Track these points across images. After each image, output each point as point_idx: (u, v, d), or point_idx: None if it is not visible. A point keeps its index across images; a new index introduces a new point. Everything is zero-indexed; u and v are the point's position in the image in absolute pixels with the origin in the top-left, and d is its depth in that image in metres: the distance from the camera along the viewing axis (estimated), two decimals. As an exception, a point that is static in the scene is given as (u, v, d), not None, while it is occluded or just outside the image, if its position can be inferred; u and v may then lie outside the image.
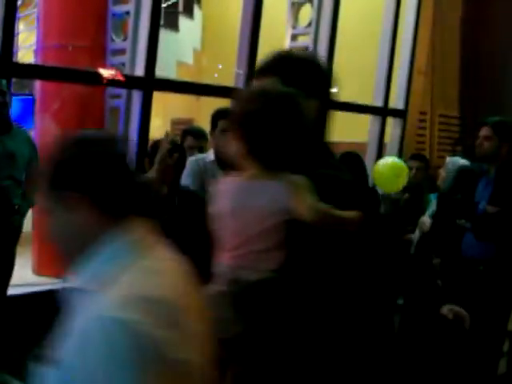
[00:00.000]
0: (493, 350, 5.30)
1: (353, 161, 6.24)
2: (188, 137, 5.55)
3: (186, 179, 4.68)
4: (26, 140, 5.18)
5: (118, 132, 6.23)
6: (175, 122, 11.32)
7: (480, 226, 5.01)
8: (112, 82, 6.01)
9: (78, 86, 6.18)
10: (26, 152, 5.10)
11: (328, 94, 2.57)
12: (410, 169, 6.33)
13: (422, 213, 5.90)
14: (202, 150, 5.12)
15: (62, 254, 1.81)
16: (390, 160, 6.27)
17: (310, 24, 8.04)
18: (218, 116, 4.86)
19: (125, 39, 6.35)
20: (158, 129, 8.04)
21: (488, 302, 5.02)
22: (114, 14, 6.43)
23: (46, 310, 5.50)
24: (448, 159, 6.15)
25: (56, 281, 6.14)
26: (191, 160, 4.91)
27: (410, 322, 5.83)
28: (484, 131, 5.10)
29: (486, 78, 10.96)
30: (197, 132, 5.54)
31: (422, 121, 9.89)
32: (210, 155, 4.84)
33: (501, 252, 5.00)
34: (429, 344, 5.25)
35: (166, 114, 11.47)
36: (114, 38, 6.46)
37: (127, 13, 6.25)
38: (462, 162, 6.00)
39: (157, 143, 4.02)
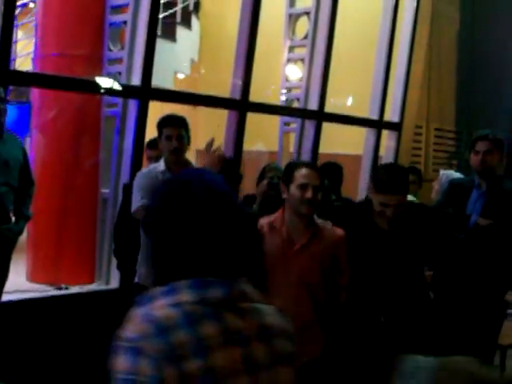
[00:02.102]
0: (484, 363, 5.31)
1: (332, 170, 6.28)
2: (146, 149, 5.62)
3: (140, 191, 4.71)
4: (18, 145, 5.19)
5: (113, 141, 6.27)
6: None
7: (472, 238, 5.03)
8: (108, 91, 6.04)
9: (75, 94, 6.19)
10: (19, 158, 5.11)
11: None
12: None
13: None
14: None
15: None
16: None
17: (306, 36, 8.08)
18: (162, 124, 4.89)
19: (122, 48, 6.36)
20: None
21: (480, 315, 5.03)
22: (111, 24, 6.44)
23: (38, 316, 5.52)
24: (441, 172, 6.18)
25: (49, 288, 6.15)
26: (143, 172, 4.95)
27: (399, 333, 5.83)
28: (485, 146, 5.10)
29: (482, 93, 11.02)
30: (152, 143, 5.57)
31: (417, 134, 9.94)
32: (161, 165, 4.87)
33: (492, 264, 5.02)
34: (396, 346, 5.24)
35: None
36: (111, 47, 6.48)
37: (124, 22, 6.27)
38: (456, 175, 6.03)
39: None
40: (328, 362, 4.00)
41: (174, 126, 4.84)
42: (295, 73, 8.43)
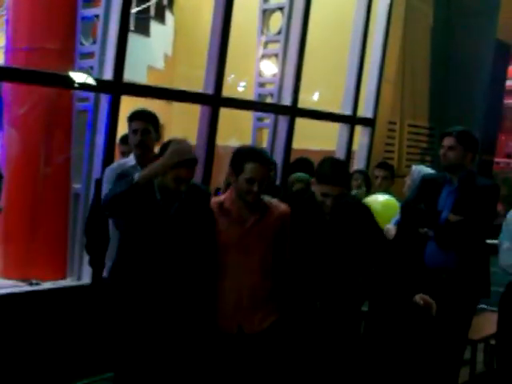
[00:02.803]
0: (454, 359, 5.35)
1: (304, 166, 6.30)
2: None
3: (107, 188, 4.69)
4: None
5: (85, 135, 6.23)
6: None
7: (443, 234, 5.06)
8: (80, 86, 6.00)
9: (46, 88, 6.15)
10: None
11: None
12: (376, 177, 6.36)
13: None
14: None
15: None
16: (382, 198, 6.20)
17: (280, 31, 8.07)
18: (130, 118, 4.89)
19: (94, 42, 6.32)
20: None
21: (450, 310, 5.06)
22: (83, 17, 6.39)
23: (10, 312, 5.50)
24: (413, 168, 6.20)
25: (21, 284, 6.12)
26: (112, 167, 4.94)
27: (374, 328, 5.86)
28: (448, 141, 5.15)
29: (455, 89, 11.08)
30: (125, 137, 5.57)
31: (390, 130, 9.97)
32: (132, 160, 4.86)
33: (463, 260, 5.05)
34: (392, 351, 5.29)
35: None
36: (83, 41, 6.43)
37: (96, 16, 6.23)
38: (427, 170, 6.05)
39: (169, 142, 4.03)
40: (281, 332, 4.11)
41: (141, 120, 4.83)
42: (269, 68, 8.43)
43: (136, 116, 4.88)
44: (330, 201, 4.10)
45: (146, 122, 4.86)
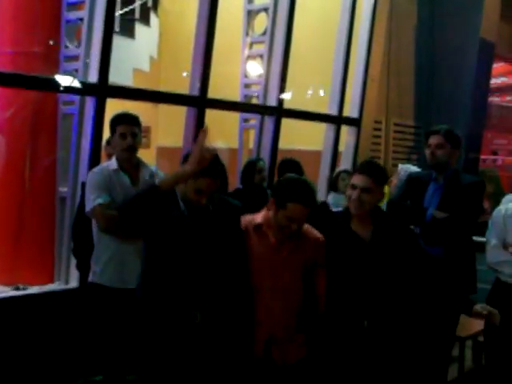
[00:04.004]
0: (443, 356, 5.36)
1: (291, 167, 6.31)
2: (107, 147, 5.60)
3: (94, 190, 4.68)
4: None
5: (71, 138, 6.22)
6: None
7: (429, 231, 5.08)
8: (65, 89, 5.99)
9: (31, 92, 6.13)
10: None
11: None
12: None
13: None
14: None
15: None
16: None
17: (265, 32, 8.08)
18: (116, 121, 4.86)
19: (78, 45, 6.31)
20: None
21: (437, 307, 5.07)
22: (67, 21, 6.37)
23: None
24: (400, 166, 6.23)
25: (7, 288, 6.09)
26: (96, 171, 4.90)
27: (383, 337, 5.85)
28: (436, 139, 5.17)
29: (440, 88, 11.13)
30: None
31: (376, 129, 10.00)
32: (113, 164, 4.84)
33: (449, 257, 5.06)
34: (380, 349, 5.28)
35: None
36: (67, 44, 6.41)
37: (81, 19, 6.22)
38: (413, 169, 6.07)
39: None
40: (312, 366, 4.00)
41: (129, 124, 4.81)
42: (254, 69, 8.43)
43: (123, 119, 4.86)
44: (356, 193, 3.96)
45: (133, 125, 4.85)
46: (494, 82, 18.81)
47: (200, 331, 3.81)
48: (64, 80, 5.95)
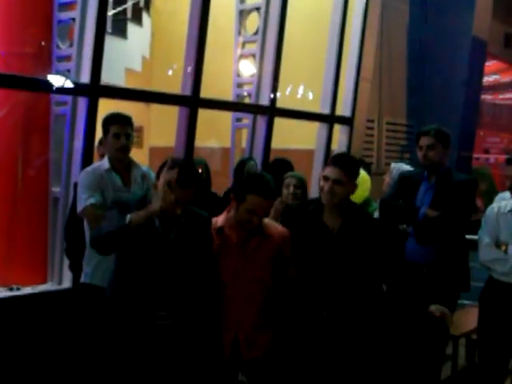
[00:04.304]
0: (436, 354, 5.37)
1: (283, 167, 6.30)
2: (100, 147, 5.58)
3: (86, 191, 4.68)
4: None
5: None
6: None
7: (421, 230, 5.09)
8: (57, 89, 5.98)
9: (23, 92, 6.12)
10: None
11: None
12: None
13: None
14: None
15: None
16: None
17: (257, 32, 8.08)
18: (108, 121, 4.86)
19: (70, 46, 6.29)
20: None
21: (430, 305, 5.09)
22: (59, 21, 6.35)
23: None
24: (392, 165, 6.23)
25: (1, 289, 6.08)
26: (88, 171, 4.90)
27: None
28: (427, 140, 5.18)
29: (432, 86, 11.15)
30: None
31: (369, 128, 10.01)
32: (105, 164, 4.84)
33: (442, 255, 5.07)
34: (374, 348, 5.29)
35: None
36: (59, 44, 6.40)
37: (73, 19, 6.20)
38: (406, 167, 6.08)
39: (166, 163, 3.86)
40: (277, 356, 4.09)
41: (122, 124, 4.81)
42: (247, 68, 8.43)
43: (117, 120, 4.86)
44: (328, 185, 4.08)
45: (126, 125, 4.85)
46: (487, 80, 18.87)
47: (166, 332, 3.87)
48: (56, 80, 5.94)
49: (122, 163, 4.84)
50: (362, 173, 5.75)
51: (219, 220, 4.05)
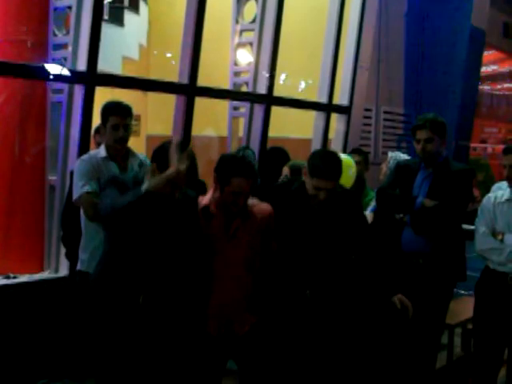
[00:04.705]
0: (432, 343, 5.38)
1: (278, 156, 6.29)
2: (96, 135, 5.56)
3: (82, 178, 4.67)
4: None
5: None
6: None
7: (418, 219, 5.09)
8: (54, 77, 5.96)
9: (20, 81, 6.11)
10: None
11: None
12: None
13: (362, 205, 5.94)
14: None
15: None
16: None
17: (254, 20, 8.05)
18: (108, 111, 4.83)
19: (67, 33, 6.28)
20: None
21: (427, 295, 5.10)
22: (55, 8, 6.33)
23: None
24: (390, 154, 6.23)
25: (-2, 277, 6.10)
26: (84, 158, 4.88)
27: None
28: (424, 134, 5.16)
29: (430, 75, 11.12)
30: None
31: (366, 117, 9.99)
32: (102, 152, 4.83)
33: (439, 245, 5.08)
34: (368, 337, 5.32)
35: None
36: (56, 32, 6.38)
37: (69, 7, 6.18)
38: (403, 156, 6.08)
39: (164, 146, 3.87)
40: (261, 335, 4.15)
41: (121, 116, 4.78)
42: (244, 57, 8.41)
43: (116, 111, 4.81)
44: (323, 194, 4.18)
45: (126, 116, 4.82)
46: (485, 70, 18.84)
47: (148, 312, 3.92)
48: (53, 68, 5.92)
49: (119, 152, 4.82)
50: (345, 158, 5.75)
51: (205, 199, 4.13)
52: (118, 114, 4.78)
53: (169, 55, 10.73)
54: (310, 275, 4.27)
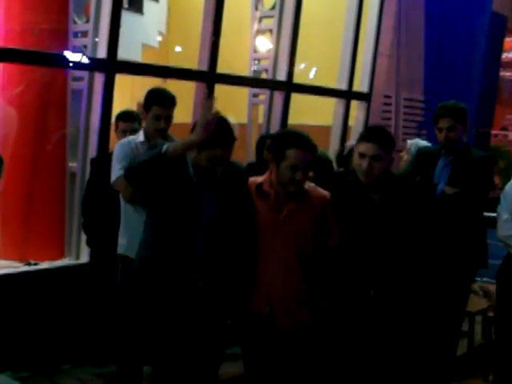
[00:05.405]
0: (453, 331, 5.37)
1: None
2: (119, 122, 5.54)
3: (120, 161, 4.65)
4: None
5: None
6: (141, 106, 11.29)
7: (439, 207, 5.06)
8: (74, 65, 5.98)
9: (41, 68, 6.13)
10: None
11: None
12: None
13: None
14: (135, 131, 5.11)
15: None
16: None
17: (274, 6, 8.02)
18: (152, 100, 4.80)
19: (87, 21, 6.29)
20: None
21: (447, 283, 5.08)
22: (75, -4, 6.37)
23: (8, 293, 5.50)
24: (409, 142, 6.21)
25: (18, 264, 6.12)
26: (123, 143, 4.87)
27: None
28: (447, 123, 5.13)
29: (450, 62, 11.05)
30: (127, 115, 5.53)
31: (386, 104, 9.94)
32: (140, 136, 4.82)
33: (460, 232, 5.05)
34: (389, 326, 5.29)
35: (132, 98, 11.42)
36: (76, 20, 6.40)
37: (89, -5, 6.21)
38: (422, 143, 6.06)
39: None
40: (315, 333, 3.97)
41: (165, 107, 4.75)
42: (264, 44, 8.39)
43: (160, 101, 4.76)
44: (365, 162, 3.97)
45: (169, 107, 4.80)
46: (506, 56, 18.69)
47: (202, 294, 3.83)
48: (73, 56, 5.94)
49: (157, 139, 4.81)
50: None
51: (261, 178, 3.93)
52: (162, 104, 4.74)
53: (188, 42, 10.73)
54: (375, 274, 4.05)
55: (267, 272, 3.83)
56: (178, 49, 11.38)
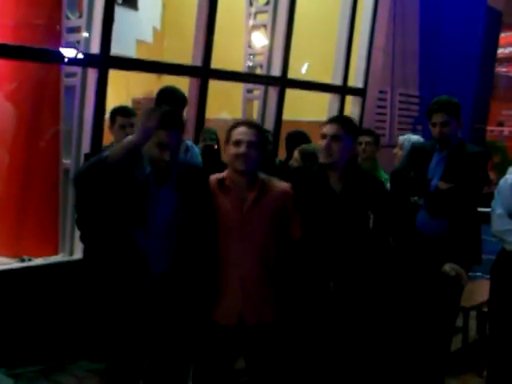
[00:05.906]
0: (447, 326, 5.36)
1: (299, 139, 6.23)
2: (117, 116, 5.52)
3: None
4: None
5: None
6: (136, 102, 11.25)
7: (433, 202, 5.05)
8: (67, 61, 5.96)
9: (34, 64, 6.11)
10: None
11: None
12: (360, 144, 6.17)
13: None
14: (132, 126, 5.08)
15: None
16: None
17: (268, 2, 8.00)
18: (163, 99, 4.80)
19: (80, 17, 6.27)
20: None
21: (442, 278, 5.07)
22: (68, -8, 6.34)
23: (1, 289, 5.49)
24: (401, 138, 6.20)
25: (12, 260, 6.11)
26: None
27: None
28: (440, 117, 5.10)
29: (445, 57, 11.05)
30: (125, 110, 5.51)
31: (381, 99, 9.94)
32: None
33: (453, 228, 5.04)
34: (383, 321, 5.29)
35: (127, 94, 11.40)
36: (69, 15, 6.37)
37: (82, -10, 6.18)
38: (415, 138, 6.05)
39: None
40: (278, 328, 3.94)
41: (175, 107, 4.70)
42: (258, 39, 8.37)
43: (171, 101, 4.74)
44: (325, 142, 4.05)
45: (180, 108, 4.79)
46: (502, 51, 18.68)
47: (163, 288, 3.80)
48: (66, 52, 5.93)
49: None
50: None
51: (221, 174, 3.94)
52: (172, 105, 4.74)
53: (183, 38, 10.70)
54: (334, 265, 4.06)
55: (233, 274, 3.81)
56: (172, 45, 11.34)
